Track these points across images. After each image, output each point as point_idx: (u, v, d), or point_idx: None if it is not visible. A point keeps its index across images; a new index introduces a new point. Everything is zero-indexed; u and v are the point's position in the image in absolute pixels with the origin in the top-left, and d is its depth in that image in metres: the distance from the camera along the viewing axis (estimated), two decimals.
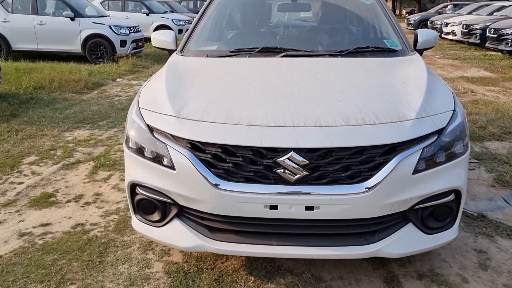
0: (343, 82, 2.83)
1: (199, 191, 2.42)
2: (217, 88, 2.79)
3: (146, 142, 2.56)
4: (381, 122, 2.39)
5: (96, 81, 9.19)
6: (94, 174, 4.53)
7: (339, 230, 2.48)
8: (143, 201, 2.66)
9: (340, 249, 2.45)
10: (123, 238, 3.29)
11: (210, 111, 2.53)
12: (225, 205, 2.41)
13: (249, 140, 2.33)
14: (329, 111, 2.47)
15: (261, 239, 2.50)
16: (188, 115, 2.52)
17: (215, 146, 2.37)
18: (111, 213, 3.69)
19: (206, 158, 2.39)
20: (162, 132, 2.51)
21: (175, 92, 2.77)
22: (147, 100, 2.78)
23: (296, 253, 2.46)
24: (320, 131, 2.34)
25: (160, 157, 2.50)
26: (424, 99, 2.59)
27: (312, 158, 2.31)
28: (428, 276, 2.81)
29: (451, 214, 2.58)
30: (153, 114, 2.63)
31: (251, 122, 2.41)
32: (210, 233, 2.54)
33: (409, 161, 2.35)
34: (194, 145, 2.41)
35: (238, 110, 2.51)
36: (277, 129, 2.37)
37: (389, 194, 2.35)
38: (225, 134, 2.37)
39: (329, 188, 2.34)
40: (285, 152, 2.30)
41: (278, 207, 2.37)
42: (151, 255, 3.06)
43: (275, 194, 2.35)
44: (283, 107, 2.51)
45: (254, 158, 2.34)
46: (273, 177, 2.35)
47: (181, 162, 2.41)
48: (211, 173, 2.38)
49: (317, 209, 2.37)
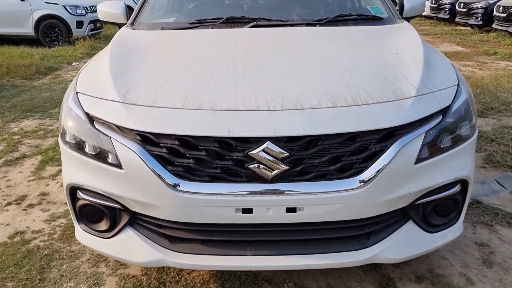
0: (326, 55, 2.37)
1: (153, 194, 1.94)
2: (174, 66, 2.29)
3: (86, 135, 2.05)
4: (375, 102, 1.96)
5: (49, 65, 8.45)
6: (41, 170, 3.96)
7: (327, 234, 2.05)
8: (87, 208, 2.16)
9: (329, 257, 2.02)
10: (70, 247, 2.78)
11: (164, 94, 2.03)
12: (186, 211, 1.94)
13: (214, 129, 1.85)
14: (311, 90, 2.01)
15: (233, 249, 2.05)
16: (137, 100, 2.02)
17: (172, 138, 1.89)
18: (58, 217, 3.16)
19: (161, 153, 1.90)
20: (104, 122, 2.01)
21: (122, 72, 2.25)
22: (86, 84, 2.26)
23: (276, 264, 2.03)
24: (302, 115, 1.89)
25: (103, 154, 2.00)
26: (423, 73, 2.16)
27: (293, 149, 1.86)
28: (428, 278, 2.44)
29: (456, 208, 2.19)
30: (93, 100, 2.11)
31: (215, 107, 1.93)
32: (170, 244, 2.07)
33: (411, 148, 1.93)
34: (145, 138, 1.92)
35: (199, 91, 2.03)
36: (248, 114, 1.90)
37: (387, 189, 1.93)
38: (183, 122, 1.89)
39: (315, 184, 1.90)
40: (259, 143, 1.84)
41: (253, 211, 1.92)
42: (103, 268, 2.57)
43: (249, 194, 1.89)
44: (255, 87, 2.04)
45: (220, 151, 1.87)
46: (246, 174, 1.89)
47: (130, 159, 1.92)
48: (167, 171, 1.90)
49: (300, 211, 1.93)
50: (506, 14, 11.34)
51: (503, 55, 9.34)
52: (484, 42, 11.35)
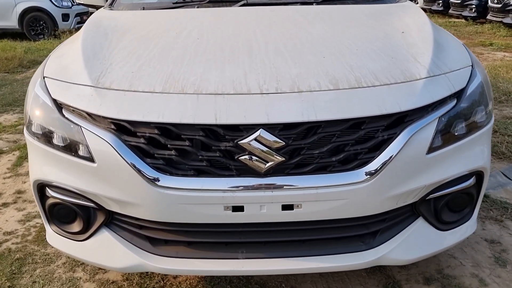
0: (325, 34, 2.13)
1: (131, 191, 1.70)
2: (154, 47, 2.04)
3: (54, 125, 1.80)
4: (382, 84, 1.73)
5: (33, 58, 8.12)
6: (18, 166, 3.70)
7: (328, 233, 1.82)
8: (57, 207, 1.92)
9: (330, 259, 1.79)
10: (45, 250, 2.54)
11: (142, 77, 1.79)
12: (169, 209, 1.70)
13: (199, 116, 1.62)
14: (310, 71, 1.78)
15: (223, 251, 1.82)
16: (111, 83, 1.77)
17: (150, 127, 1.65)
18: (34, 217, 2.91)
19: (138, 144, 1.66)
20: (74, 110, 1.76)
21: (95, 54, 2.00)
22: (55, 67, 2.01)
23: (271, 268, 1.80)
24: (300, 98, 1.65)
25: (74, 146, 1.75)
26: (434, 52, 1.93)
27: (290, 137, 1.62)
28: (437, 280, 2.22)
29: (470, 203, 1.97)
30: (62, 84, 1.86)
31: (200, 90, 1.69)
32: (152, 246, 1.84)
33: (423, 136, 1.70)
34: (120, 126, 1.68)
35: (182, 74, 1.78)
36: (238, 98, 1.66)
37: (396, 182, 1.71)
38: (164, 108, 1.65)
39: (315, 178, 1.67)
40: (250, 131, 1.61)
41: (244, 208, 1.69)
42: (80, 273, 2.33)
43: (239, 190, 1.66)
44: (246, 68, 1.80)
45: (207, 141, 1.63)
46: (236, 166, 1.66)
47: (103, 151, 1.68)
48: (146, 164, 1.66)
49: (298, 208, 1.70)
50: (501, 5, 11.16)
51: (499, 45, 9.16)
52: (479, 33, 11.16)
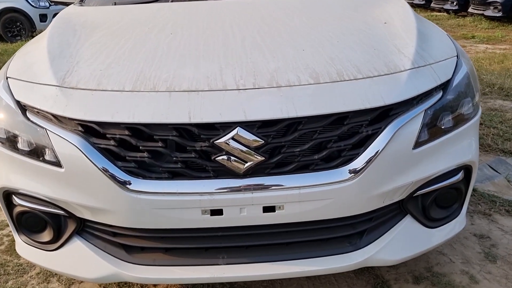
0: (304, 26, 2.04)
1: (101, 197, 1.59)
2: (124, 44, 1.93)
3: (18, 128, 1.69)
4: (365, 77, 1.65)
5: None
6: None
7: (313, 235, 1.74)
8: (25, 215, 1.80)
9: (315, 262, 1.71)
10: (18, 260, 2.41)
11: (111, 75, 1.68)
12: (143, 215, 1.60)
13: (172, 115, 1.52)
14: (288, 64, 1.69)
15: (202, 257, 1.73)
16: (78, 83, 1.66)
17: (120, 128, 1.54)
18: (6, 225, 2.77)
19: (108, 147, 1.56)
20: (39, 111, 1.65)
21: (61, 52, 1.88)
22: (19, 67, 1.88)
23: (254, 274, 1.70)
24: (279, 94, 1.56)
25: (40, 150, 1.64)
26: (418, 43, 1.86)
27: (269, 135, 1.53)
28: (427, 278, 2.15)
29: (459, 198, 1.91)
30: (25, 85, 1.74)
31: (173, 87, 1.59)
32: (127, 254, 1.73)
33: (408, 131, 1.62)
34: (88, 128, 1.57)
35: (154, 71, 1.68)
36: (213, 95, 1.57)
37: (382, 179, 1.63)
38: (134, 107, 1.54)
39: (296, 177, 1.58)
40: (227, 130, 1.51)
41: (223, 212, 1.60)
42: (55, 284, 2.21)
43: (217, 193, 1.56)
44: (222, 63, 1.70)
45: (181, 141, 1.53)
46: (213, 167, 1.56)
47: (70, 155, 1.57)
48: (117, 168, 1.56)
49: (280, 210, 1.61)
50: None
51: (481, 38, 9.20)
52: (461, 26, 11.21)
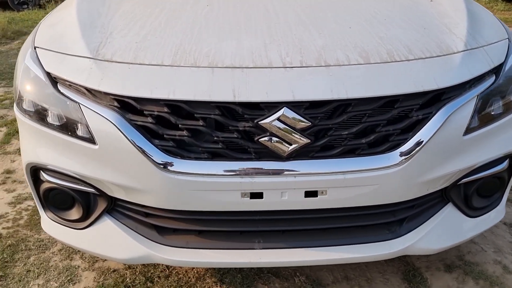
0: (347, 2, 1.93)
1: (136, 176, 1.53)
2: (159, 14, 1.83)
3: (48, 102, 1.61)
4: (416, 58, 1.55)
5: (17, 29, 7.75)
6: (6, 144, 3.48)
7: (352, 221, 1.68)
8: (53, 192, 1.73)
9: (354, 250, 1.65)
10: (39, 235, 2.36)
11: (148, 48, 1.59)
12: (179, 196, 1.53)
13: (215, 92, 1.43)
14: (336, 42, 1.60)
15: (238, 241, 1.67)
16: (113, 55, 1.57)
17: (159, 104, 1.46)
18: (25, 199, 2.72)
19: (146, 124, 1.48)
20: (71, 85, 1.56)
21: (92, 21, 1.79)
22: (47, 36, 1.79)
23: (290, 260, 1.65)
24: (328, 73, 1.48)
25: (71, 125, 1.56)
26: (469, 23, 1.76)
27: (317, 117, 1.45)
28: (459, 267, 2.10)
29: (501, 187, 1.84)
30: (56, 56, 1.65)
31: (215, 63, 1.50)
32: (159, 236, 1.68)
33: (460, 116, 1.54)
34: (125, 104, 1.49)
35: (194, 44, 1.59)
36: (258, 72, 1.48)
37: (430, 167, 1.56)
38: (175, 83, 1.46)
39: (342, 162, 1.51)
40: (273, 110, 1.43)
41: (263, 195, 1.53)
42: (78, 262, 2.16)
43: (258, 175, 1.49)
44: (265, 38, 1.61)
45: (223, 120, 1.45)
46: (255, 149, 1.49)
47: (105, 132, 1.49)
48: (154, 147, 1.48)
49: (323, 195, 1.54)
50: None
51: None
52: None
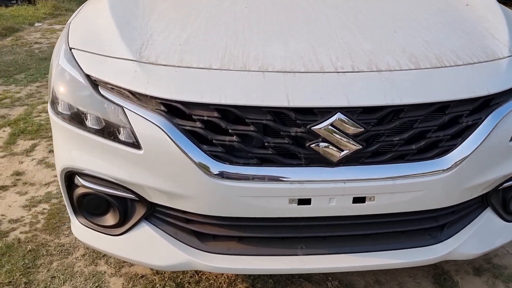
0: (386, 5, 1.92)
1: (183, 182, 1.49)
2: (197, 16, 1.79)
3: (86, 104, 1.56)
4: (465, 63, 1.55)
5: (9, 25, 7.58)
6: (12, 144, 3.39)
7: (394, 227, 1.67)
8: (88, 198, 1.69)
9: (396, 255, 1.64)
10: (59, 240, 2.30)
11: (193, 50, 1.55)
12: (226, 202, 1.50)
13: (268, 97, 1.40)
14: (383, 46, 1.58)
15: (280, 247, 1.64)
16: (157, 58, 1.53)
17: (209, 109, 1.42)
18: (39, 202, 2.65)
19: (194, 129, 1.44)
20: (114, 88, 1.51)
21: (129, 21, 1.73)
22: (82, 37, 1.74)
23: (335, 265, 1.63)
24: (380, 78, 1.46)
25: (113, 129, 1.51)
26: (509, 28, 1.76)
27: (369, 123, 1.43)
28: (488, 270, 2.11)
29: None
30: (95, 58, 1.60)
31: (265, 66, 1.47)
32: (200, 242, 1.64)
33: (508, 122, 1.54)
34: (172, 108, 1.45)
35: (240, 47, 1.55)
36: (310, 77, 1.45)
37: (477, 172, 1.56)
38: (225, 87, 1.43)
39: (392, 167, 1.50)
40: (327, 115, 1.41)
41: (311, 201, 1.51)
42: (104, 267, 2.11)
43: (308, 181, 1.47)
44: (312, 42, 1.58)
45: (275, 125, 1.42)
46: (306, 155, 1.46)
47: (152, 136, 1.45)
48: (202, 152, 1.44)
49: (370, 201, 1.52)
50: None
51: None
52: None
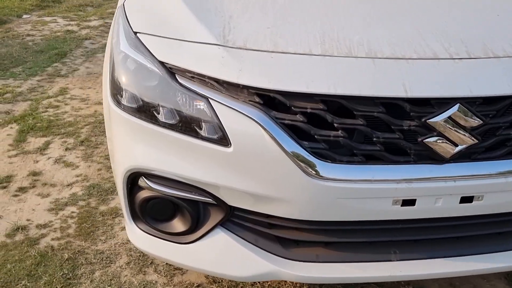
0: None
1: (278, 182, 1.32)
2: None
3: (160, 95, 1.37)
4: None
5: None
6: (23, 142, 3.14)
7: (494, 228, 1.53)
8: (154, 201, 1.50)
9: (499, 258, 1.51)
10: (96, 246, 2.10)
11: (286, 34, 1.37)
12: (324, 206, 1.34)
13: (383, 87, 1.24)
14: (492, 31, 1.43)
15: (371, 252, 1.49)
16: (246, 42, 1.34)
17: (315, 100, 1.25)
18: (65, 204, 2.43)
19: (295, 123, 1.27)
20: (195, 76, 1.32)
21: (201, 3, 1.54)
22: (146, 20, 1.54)
23: (433, 272, 1.48)
24: (500, 65, 1.31)
25: (193, 123, 1.33)
26: None
27: (488, 114, 1.29)
28: None
29: None
30: (169, 42, 1.40)
31: (373, 52, 1.31)
32: (283, 249, 1.47)
33: None
34: (270, 99, 1.27)
35: (338, 31, 1.38)
36: (424, 64, 1.29)
37: None
38: (333, 76, 1.26)
39: (505, 164, 1.35)
40: (445, 106, 1.25)
41: (416, 202, 1.36)
42: (153, 276, 1.92)
43: (417, 180, 1.32)
44: (417, 26, 1.42)
45: (387, 118, 1.26)
46: (416, 151, 1.31)
47: (244, 132, 1.27)
48: (303, 149, 1.27)
49: (478, 201, 1.38)
50: None
51: None
52: None
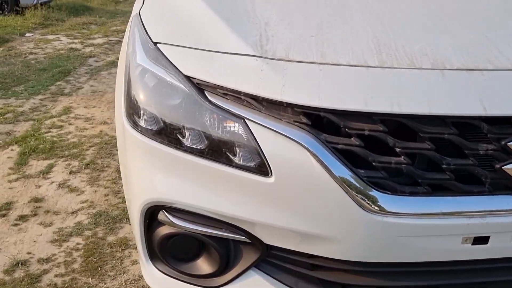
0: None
1: (329, 219, 1.10)
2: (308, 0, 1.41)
3: (185, 116, 1.16)
4: None
5: None
6: (24, 165, 2.94)
7: None
8: (176, 239, 1.28)
9: None
10: (105, 284, 1.87)
11: (333, 43, 1.17)
12: (381, 245, 1.12)
13: (457, 104, 1.03)
14: None
15: None
16: (288, 52, 1.14)
17: (373, 120, 1.04)
18: (69, 234, 2.21)
19: (350, 147, 1.06)
20: (229, 93, 1.12)
21: (229, 7, 1.34)
22: (167, 28, 1.34)
23: None
24: None
25: (225, 149, 1.12)
26: None
27: None
28: None
29: None
30: (195, 54, 1.20)
31: (440, 63, 1.10)
32: None
33: None
34: (319, 120, 1.07)
35: (396, 39, 1.18)
36: (501, 75, 1.09)
37: None
38: (395, 91, 1.05)
39: None
40: None
41: (490, 240, 1.14)
42: None
43: (492, 214, 1.10)
44: (485, 32, 1.23)
45: (459, 141, 1.05)
46: (492, 179, 1.09)
47: (289, 159, 1.06)
48: (360, 179, 1.06)
49: None
50: None
51: None
52: None
